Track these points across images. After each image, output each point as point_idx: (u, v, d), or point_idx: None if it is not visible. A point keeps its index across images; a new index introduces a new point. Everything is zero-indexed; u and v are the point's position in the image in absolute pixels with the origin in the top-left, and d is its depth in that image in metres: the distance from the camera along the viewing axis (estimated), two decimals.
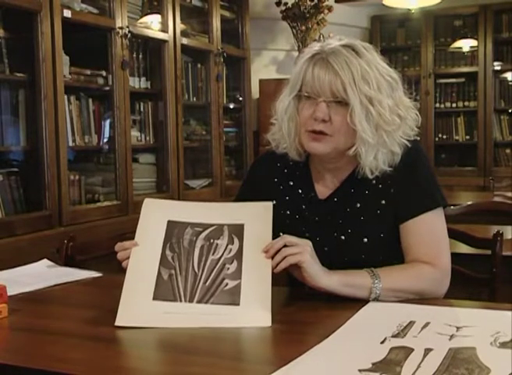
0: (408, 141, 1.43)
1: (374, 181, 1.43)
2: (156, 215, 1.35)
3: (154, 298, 1.23)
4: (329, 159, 1.44)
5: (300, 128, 1.42)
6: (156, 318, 1.20)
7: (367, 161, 1.38)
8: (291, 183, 1.53)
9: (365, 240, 1.42)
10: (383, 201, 1.42)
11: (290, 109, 1.43)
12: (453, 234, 1.65)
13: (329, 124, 1.37)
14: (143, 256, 1.29)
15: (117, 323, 1.18)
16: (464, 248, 1.91)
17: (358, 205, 1.44)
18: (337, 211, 1.45)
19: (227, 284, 1.24)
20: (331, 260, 1.32)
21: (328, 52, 1.38)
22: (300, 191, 1.51)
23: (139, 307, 1.22)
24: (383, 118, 1.36)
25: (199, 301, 1.22)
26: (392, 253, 1.41)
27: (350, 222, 1.44)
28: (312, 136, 1.39)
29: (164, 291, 1.24)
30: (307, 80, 1.39)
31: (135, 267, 1.28)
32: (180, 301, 1.23)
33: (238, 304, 1.21)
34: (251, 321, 1.18)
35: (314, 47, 1.42)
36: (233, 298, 1.22)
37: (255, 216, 1.32)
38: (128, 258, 1.30)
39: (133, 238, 1.33)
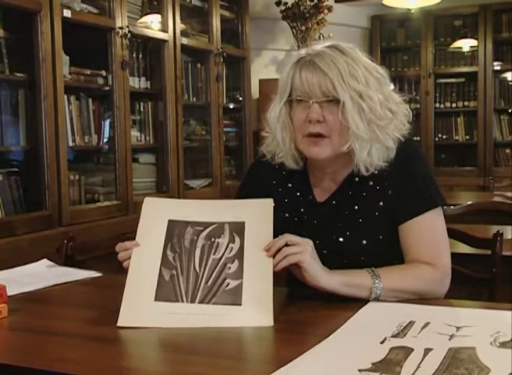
0: (405, 140, 1.44)
1: (371, 183, 1.43)
2: (156, 214, 1.35)
3: (156, 299, 1.23)
4: (327, 163, 1.44)
5: (296, 134, 1.41)
6: (158, 318, 1.20)
7: (361, 157, 1.38)
8: (289, 186, 1.52)
9: (364, 242, 1.41)
10: (381, 203, 1.42)
11: (282, 117, 1.43)
12: (453, 234, 1.65)
13: (324, 125, 1.37)
14: (144, 257, 1.29)
15: (119, 324, 1.18)
16: (464, 248, 1.90)
17: (356, 207, 1.44)
18: (336, 213, 1.45)
19: (228, 284, 1.24)
20: (330, 263, 1.31)
21: (313, 55, 1.38)
22: (298, 194, 1.51)
23: (141, 308, 1.22)
24: (375, 113, 1.36)
25: (201, 302, 1.22)
26: (391, 254, 1.41)
27: (348, 224, 1.43)
28: (311, 140, 1.39)
29: (165, 291, 1.24)
30: (296, 84, 1.39)
31: (136, 268, 1.28)
32: (182, 301, 1.23)
33: (240, 304, 1.21)
34: (253, 321, 1.18)
35: (299, 52, 1.43)
36: (235, 297, 1.22)
37: (256, 214, 1.32)
38: (129, 258, 1.30)
39: (133, 238, 1.33)
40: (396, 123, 1.41)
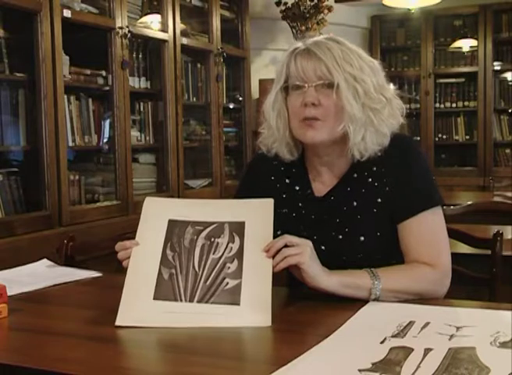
0: (404, 137, 1.45)
1: (370, 179, 1.43)
2: (157, 214, 1.35)
3: (155, 298, 1.23)
4: (324, 150, 1.44)
5: (292, 120, 1.42)
6: (156, 318, 1.20)
7: (355, 141, 1.38)
8: (287, 181, 1.53)
9: (362, 238, 1.41)
10: (379, 200, 1.42)
11: (278, 104, 1.44)
12: (453, 234, 1.65)
13: (320, 108, 1.38)
14: (143, 256, 1.29)
15: (117, 323, 1.18)
16: (464, 248, 1.90)
17: (355, 203, 1.44)
18: (334, 209, 1.45)
19: (227, 283, 1.24)
20: (328, 259, 1.31)
21: (309, 43, 1.41)
22: (296, 189, 1.51)
23: (139, 307, 1.22)
24: (369, 95, 1.38)
25: (199, 301, 1.22)
26: (389, 252, 1.41)
27: (346, 220, 1.43)
28: (306, 123, 1.39)
29: (164, 290, 1.24)
30: (291, 72, 1.41)
31: (136, 267, 1.28)
32: (181, 300, 1.23)
33: (238, 303, 1.21)
34: (251, 321, 1.18)
35: (296, 44, 1.45)
36: (234, 297, 1.22)
37: (256, 214, 1.32)
38: (128, 257, 1.30)
39: (133, 238, 1.33)
40: (390, 110, 1.41)
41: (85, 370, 0.99)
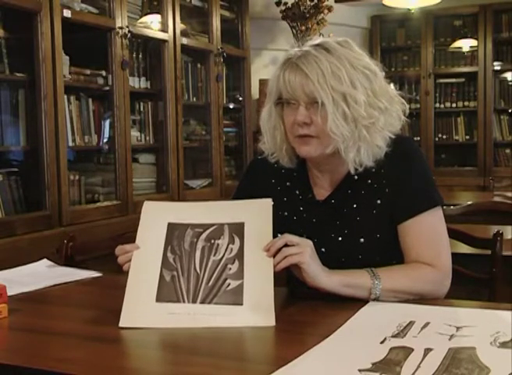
0: (404, 139, 1.44)
1: (369, 181, 1.43)
2: (156, 218, 1.35)
3: (158, 300, 1.23)
4: (323, 160, 1.44)
5: (289, 135, 1.42)
6: (160, 319, 1.20)
7: (348, 157, 1.38)
8: (288, 184, 1.53)
9: (362, 240, 1.41)
10: (379, 201, 1.42)
11: (273, 118, 1.44)
12: (453, 234, 1.65)
13: (312, 126, 1.37)
14: (144, 259, 1.29)
15: (121, 325, 1.18)
16: (464, 248, 1.91)
17: (355, 205, 1.43)
18: (335, 212, 1.45)
19: (229, 284, 1.24)
20: (328, 261, 1.31)
21: (299, 56, 1.37)
22: (297, 192, 1.51)
23: (142, 309, 1.22)
24: (360, 113, 1.34)
25: (202, 302, 1.22)
26: (389, 253, 1.41)
27: (346, 223, 1.43)
28: (300, 140, 1.39)
29: (167, 292, 1.24)
30: (281, 86, 1.39)
31: (137, 269, 1.28)
32: (183, 302, 1.23)
33: (241, 304, 1.21)
34: (255, 321, 1.18)
35: (289, 52, 1.41)
36: (236, 297, 1.22)
37: (255, 214, 1.32)
38: (129, 261, 1.30)
39: (133, 238, 1.33)
40: (387, 118, 1.39)
41: (85, 370, 0.99)
